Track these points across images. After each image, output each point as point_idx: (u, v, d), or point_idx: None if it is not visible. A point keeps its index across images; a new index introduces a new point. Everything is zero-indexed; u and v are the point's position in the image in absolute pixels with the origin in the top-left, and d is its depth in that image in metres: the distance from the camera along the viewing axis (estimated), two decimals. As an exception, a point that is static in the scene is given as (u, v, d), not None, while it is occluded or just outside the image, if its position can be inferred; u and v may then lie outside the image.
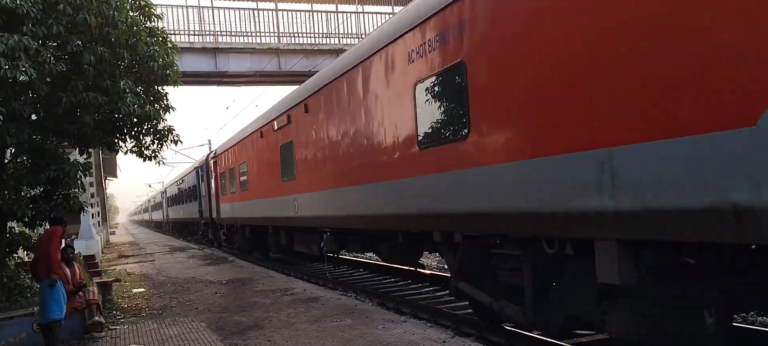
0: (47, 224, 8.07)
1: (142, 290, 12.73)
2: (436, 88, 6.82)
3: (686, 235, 3.97)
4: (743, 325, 6.86)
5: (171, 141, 9.83)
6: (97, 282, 9.93)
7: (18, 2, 6.61)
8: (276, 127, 13.49)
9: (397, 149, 7.77)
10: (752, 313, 7.27)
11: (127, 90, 8.00)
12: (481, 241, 6.58)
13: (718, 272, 4.51)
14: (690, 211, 3.88)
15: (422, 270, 12.69)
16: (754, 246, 4.09)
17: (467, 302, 7.73)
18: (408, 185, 7.53)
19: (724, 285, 4.54)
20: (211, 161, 22.56)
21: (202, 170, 24.91)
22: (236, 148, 18.17)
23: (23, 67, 6.45)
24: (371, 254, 13.70)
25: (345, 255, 15.28)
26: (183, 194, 33.54)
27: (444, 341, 6.55)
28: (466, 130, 6.19)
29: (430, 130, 6.93)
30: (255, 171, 15.84)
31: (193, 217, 29.10)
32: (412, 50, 7.20)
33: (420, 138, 7.13)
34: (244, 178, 17.01)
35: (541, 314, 5.90)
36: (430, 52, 6.83)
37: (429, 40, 6.83)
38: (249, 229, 18.14)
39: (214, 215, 22.44)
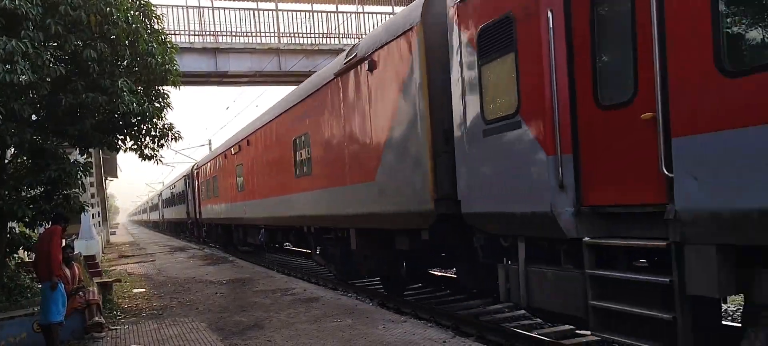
0: (49, 222, 8.04)
1: (143, 290, 12.73)
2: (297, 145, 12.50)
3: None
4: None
5: (172, 139, 9.82)
6: (97, 282, 9.94)
7: (17, 3, 6.61)
8: (232, 153, 19.42)
9: (287, 176, 13.07)
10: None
11: (125, 89, 7.99)
12: (321, 230, 11.89)
13: None
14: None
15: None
16: None
17: (466, 301, 9.15)
18: (292, 199, 12.80)
19: None
20: (195, 171, 28.16)
21: (189, 179, 30.81)
22: (210, 164, 23.57)
23: (21, 70, 6.44)
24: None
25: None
26: (175, 198, 39.03)
27: (444, 341, 6.55)
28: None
29: (298, 167, 12.37)
30: (222, 182, 21.39)
31: (182, 217, 34.87)
32: (291, 121, 12.91)
33: (296, 171, 12.53)
34: (216, 186, 22.49)
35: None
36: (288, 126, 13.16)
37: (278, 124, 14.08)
38: (221, 227, 23.67)
39: (198, 215, 27.88)
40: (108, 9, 7.59)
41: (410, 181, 7.64)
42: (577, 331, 7.41)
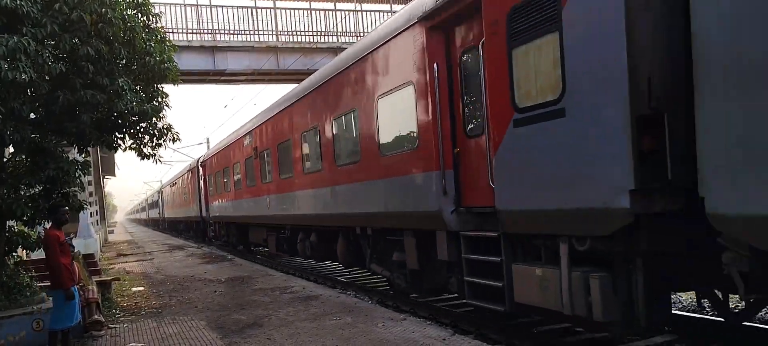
0: (48, 222, 7.99)
1: (142, 288, 12.73)
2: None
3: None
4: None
5: (170, 139, 9.81)
6: (96, 281, 9.94)
7: (18, 2, 6.60)
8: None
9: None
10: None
11: (126, 88, 7.99)
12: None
13: None
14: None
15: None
16: None
17: (465, 302, 7.68)
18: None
19: None
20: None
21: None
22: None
23: (23, 67, 6.44)
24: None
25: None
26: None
27: (444, 339, 6.57)
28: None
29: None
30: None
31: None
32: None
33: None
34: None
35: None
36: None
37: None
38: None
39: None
40: (103, 9, 7.58)
41: None
42: (576, 329, 7.44)
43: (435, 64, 7.10)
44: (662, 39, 4.59)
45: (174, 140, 9.96)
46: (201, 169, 27.08)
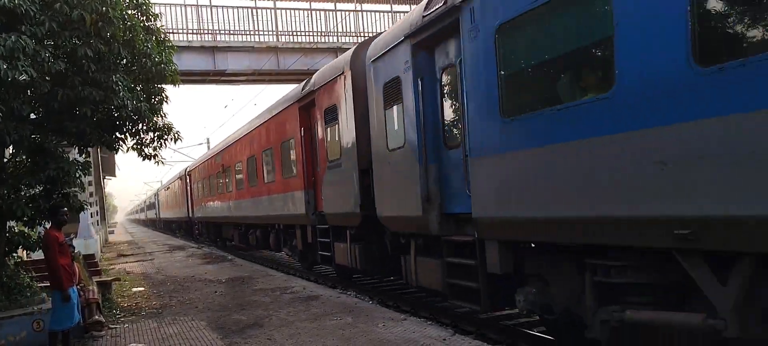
0: (48, 222, 7.99)
1: (142, 289, 12.73)
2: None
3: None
4: None
5: (171, 139, 9.80)
6: (96, 281, 9.93)
7: (17, 2, 6.60)
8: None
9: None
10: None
11: (121, 83, 7.97)
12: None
13: None
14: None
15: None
16: None
17: (465, 302, 8.19)
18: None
19: None
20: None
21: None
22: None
23: (22, 67, 6.43)
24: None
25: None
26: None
27: (444, 339, 6.56)
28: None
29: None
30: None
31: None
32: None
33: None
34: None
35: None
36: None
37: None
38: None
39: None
40: (104, 8, 7.58)
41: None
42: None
43: (301, 129, 12.48)
44: (365, 137, 9.43)
45: (175, 140, 9.94)
46: (188, 177, 32.20)
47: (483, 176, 6.23)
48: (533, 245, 6.12)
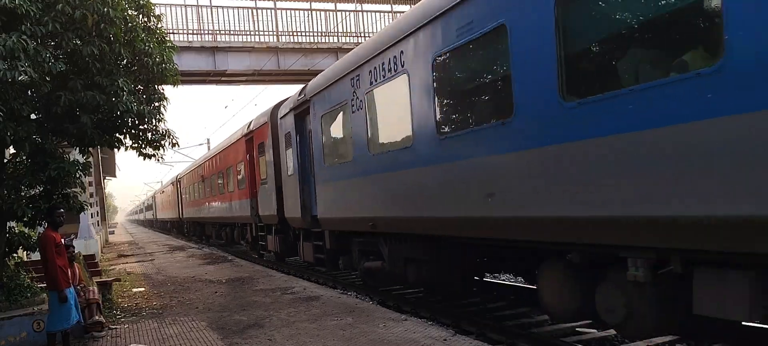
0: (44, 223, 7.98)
1: (142, 289, 12.72)
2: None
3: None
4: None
5: (170, 144, 9.81)
6: (96, 281, 9.92)
7: (17, 2, 6.59)
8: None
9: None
10: None
11: (125, 88, 7.97)
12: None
13: None
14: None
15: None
16: None
17: (467, 302, 9.67)
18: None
19: None
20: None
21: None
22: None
23: (22, 67, 6.43)
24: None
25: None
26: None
27: (445, 339, 6.55)
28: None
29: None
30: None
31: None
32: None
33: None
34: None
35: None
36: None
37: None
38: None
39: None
40: (106, 9, 7.58)
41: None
42: (577, 328, 7.43)
43: (247, 155, 17.36)
44: (278, 165, 14.14)
45: (173, 145, 9.96)
46: (179, 183, 37.95)
47: (320, 193, 11.00)
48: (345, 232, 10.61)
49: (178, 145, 10.15)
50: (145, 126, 9.36)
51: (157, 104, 9.38)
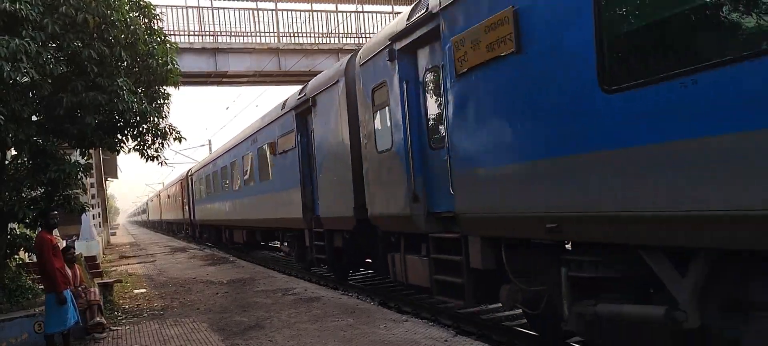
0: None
1: (144, 290, 12.73)
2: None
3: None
4: None
5: (174, 139, 9.79)
6: (98, 283, 9.93)
7: (18, 6, 6.60)
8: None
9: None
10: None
11: (125, 87, 7.99)
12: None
13: None
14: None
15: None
16: None
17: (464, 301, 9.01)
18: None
19: None
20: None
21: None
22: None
23: (24, 69, 6.44)
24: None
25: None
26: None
27: (446, 340, 6.55)
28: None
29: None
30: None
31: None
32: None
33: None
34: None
35: None
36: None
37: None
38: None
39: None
40: (108, 11, 7.59)
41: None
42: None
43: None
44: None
45: (179, 140, 9.92)
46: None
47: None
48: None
49: (185, 139, 10.12)
50: (147, 126, 9.37)
51: (159, 102, 9.40)
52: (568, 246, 5.50)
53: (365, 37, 22.39)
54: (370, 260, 12.00)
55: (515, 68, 5.39)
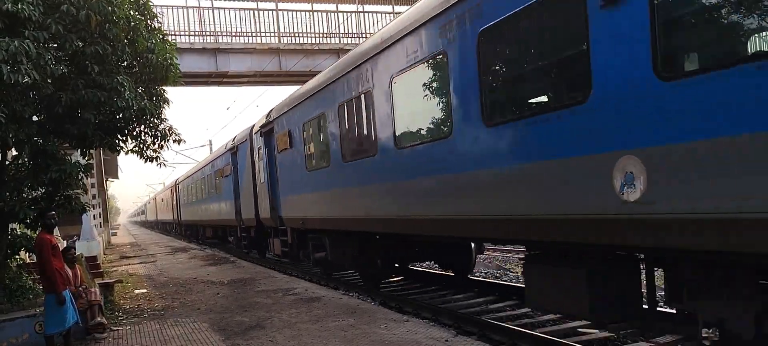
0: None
1: (144, 290, 12.73)
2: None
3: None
4: None
5: (173, 140, 9.80)
6: (98, 283, 9.94)
7: (19, 6, 6.60)
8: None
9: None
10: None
11: (125, 84, 7.99)
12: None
13: None
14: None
15: (427, 270, 12.80)
16: None
17: (468, 300, 9.86)
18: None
19: None
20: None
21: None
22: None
23: (25, 70, 6.44)
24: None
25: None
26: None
27: (446, 340, 6.55)
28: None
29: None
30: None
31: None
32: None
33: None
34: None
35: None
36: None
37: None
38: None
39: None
40: (110, 8, 7.59)
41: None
42: (578, 329, 7.42)
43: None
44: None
45: (178, 142, 9.93)
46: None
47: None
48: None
49: (185, 141, 10.13)
50: (145, 126, 9.37)
51: (157, 100, 9.40)
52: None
53: (365, 37, 22.39)
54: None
55: (292, 153, 12.40)
